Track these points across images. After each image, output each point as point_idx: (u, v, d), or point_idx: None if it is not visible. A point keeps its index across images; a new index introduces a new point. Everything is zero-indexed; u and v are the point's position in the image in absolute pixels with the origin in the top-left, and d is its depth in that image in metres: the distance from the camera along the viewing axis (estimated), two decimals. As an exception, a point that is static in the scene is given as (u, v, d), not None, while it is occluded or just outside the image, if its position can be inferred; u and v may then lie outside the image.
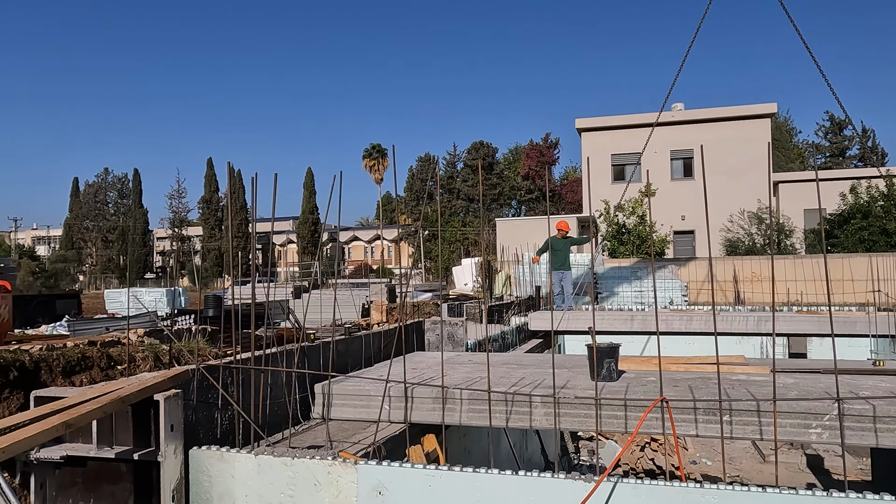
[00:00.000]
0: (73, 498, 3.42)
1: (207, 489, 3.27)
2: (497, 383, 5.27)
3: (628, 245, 23.86)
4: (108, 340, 7.29)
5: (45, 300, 23.90)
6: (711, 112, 31.39)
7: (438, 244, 51.25)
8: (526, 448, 9.20)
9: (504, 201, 64.86)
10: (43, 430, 2.58)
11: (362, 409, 5.31)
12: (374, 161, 67.24)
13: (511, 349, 10.06)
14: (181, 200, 69.93)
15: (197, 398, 4.29)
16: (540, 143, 62.77)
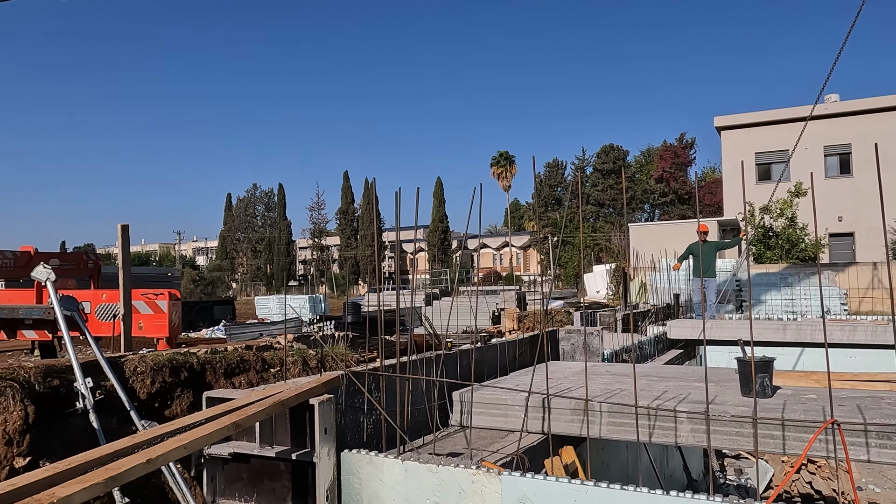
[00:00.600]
0: (239, 492, 3.71)
1: (358, 491, 3.42)
2: (638, 396, 5.09)
3: (776, 249, 22.17)
4: (262, 345, 7.87)
5: (205, 306, 26.19)
6: (871, 102, 28.48)
7: (568, 251, 50.48)
8: (667, 464, 8.80)
9: (636, 205, 62.69)
10: (216, 429, 2.83)
11: (500, 418, 5.33)
12: (502, 168, 67.53)
13: (649, 360, 9.68)
14: (320, 212, 74.05)
15: (345, 402, 4.51)
16: (674, 144, 60.08)
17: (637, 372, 6.71)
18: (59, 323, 6.12)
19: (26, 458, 5.14)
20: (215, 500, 3.74)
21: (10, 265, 12.29)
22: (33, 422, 5.25)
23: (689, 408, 4.57)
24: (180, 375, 6.56)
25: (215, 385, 6.79)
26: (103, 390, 5.83)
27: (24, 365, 5.86)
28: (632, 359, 8.91)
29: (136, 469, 2.49)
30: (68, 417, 5.61)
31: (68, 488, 2.27)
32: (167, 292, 7.80)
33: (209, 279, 65.85)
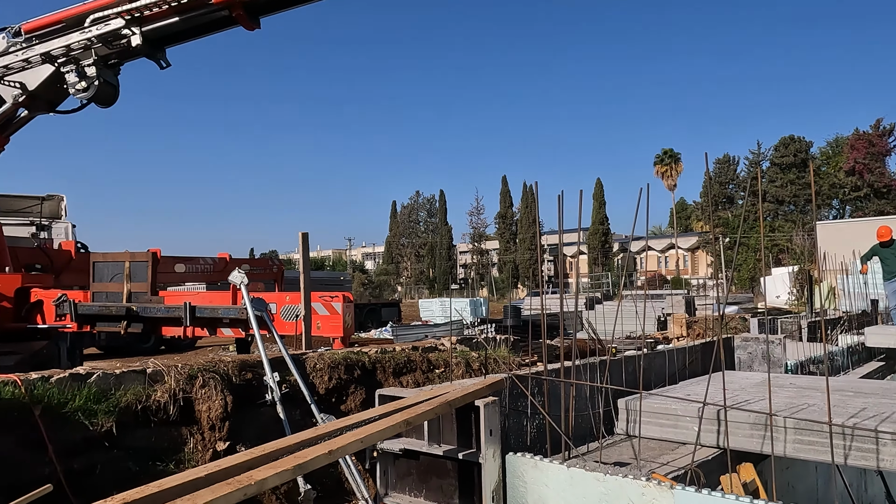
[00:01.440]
0: (409, 487, 3.87)
1: (523, 494, 3.43)
2: (833, 412, 4.61)
3: None
4: (427, 346, 8.17)
5: (373, 308, 27.71)
6: None
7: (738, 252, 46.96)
8: (865, 489, 7.86)
9: (823, 201, 56.81)
10: (389, 425, 2.98)
11: (669, 429, 5.08)
12: (667, 167, 64.43)
13: (841, 373, 8.71)
14: (480, 217, 75.40)
15: (508, 405, 4.54)
16: (869, 132, 53.65)
17: (833, 385, 6.07)
18: (251, 322, 6.79)
19: (226, 442, 5.76)
20: (387, 492, 3.93)
21: (210, 270, 13.86)
22: (231, 410, 5.87)
23: (893, 428, 4.06)
24: (353, 373, 7.00)
25: (384, 383, 7.16)
26: (287, 384, 6.37)
27: (223, 359, 6.57)
28: (821, 371, 8.08)
29: (319, 459, 2.69)
30: (258, 408, 6.21)
31: (263, 472, 2.51)
32: (342, 295, 8.35)
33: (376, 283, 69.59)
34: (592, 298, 25.50)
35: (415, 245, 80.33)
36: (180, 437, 5.63)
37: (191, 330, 8.58)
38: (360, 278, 66.12)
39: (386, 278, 75.19)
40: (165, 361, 6.16)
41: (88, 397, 5.22)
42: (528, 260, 67.63)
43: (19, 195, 16.86)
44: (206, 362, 6.26)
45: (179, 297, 9.41)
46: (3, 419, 4.76)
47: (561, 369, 4.21)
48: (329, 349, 7.53)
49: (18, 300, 9.57)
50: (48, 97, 10.08)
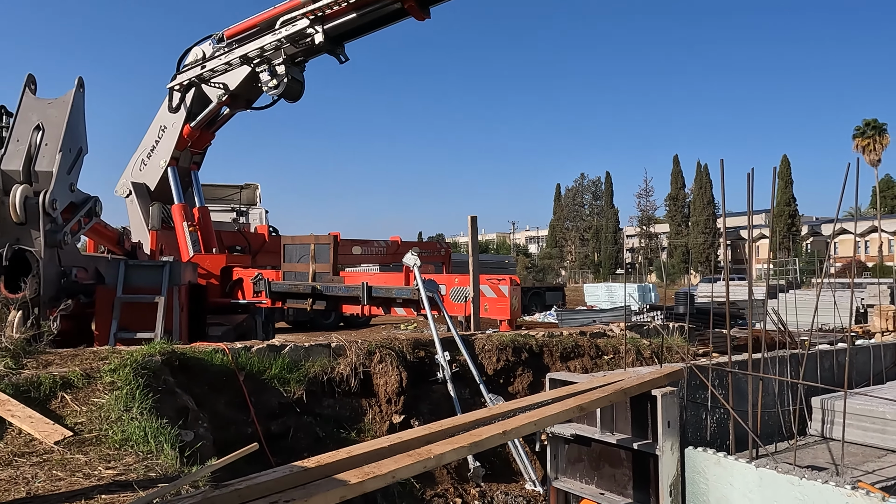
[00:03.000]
0: (580, 473, 3.82)
1: (704, 491, 3.24)
2: None
3: None
4: (595, 331, 7.98)
5: (538, 291, 27.63)
6: None
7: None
8: None
9: None
10: (562, 410, 2.95)
11: (875, 433, 4.56)
12: (868, 140, 57.15)
13: None
14: (648, 199, 72.07)
15: (686, 397, 4.32)
16: None
17: None
18: (423, 302, 7.06)
19: (401, 415, 6.07)
20: (557, 476, 3.91)
21: (384, 252, 14.63)
22: (406, 385, 6.17)
23: None
24: (521, 355, 7.03)
25: (551, 367, 7.11)
26: (457, 364, 6.56)
27: (397, 337, 6.92)
28: None
29: (493, 438, 2.73)
30: (430, 385, 6.46)
31: (442, 447, 2.60)
32: (508, 278, 8.41)
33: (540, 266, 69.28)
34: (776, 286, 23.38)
35: (579, 229, 78.69)
36: (360, 408, 6.02)
37: (367, 308, 9.12)
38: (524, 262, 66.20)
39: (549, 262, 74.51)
40: (345, 337, 6.61)
41: (283, 367, 5.75)
42: (701, 244, 63.55)
43: (222, 185, 18.93)
44: (382, 339, 6.62)
45: (357, 277, 10.03)
46: (217, 382, 5.39)
47: (749, 361, 3.92)
48: (496, 331, 7.62)
49: (223, 278, 10.76)
50: (246, 95, 11.21)
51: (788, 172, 61.80)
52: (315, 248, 10.25)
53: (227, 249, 12.58)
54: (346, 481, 2.35)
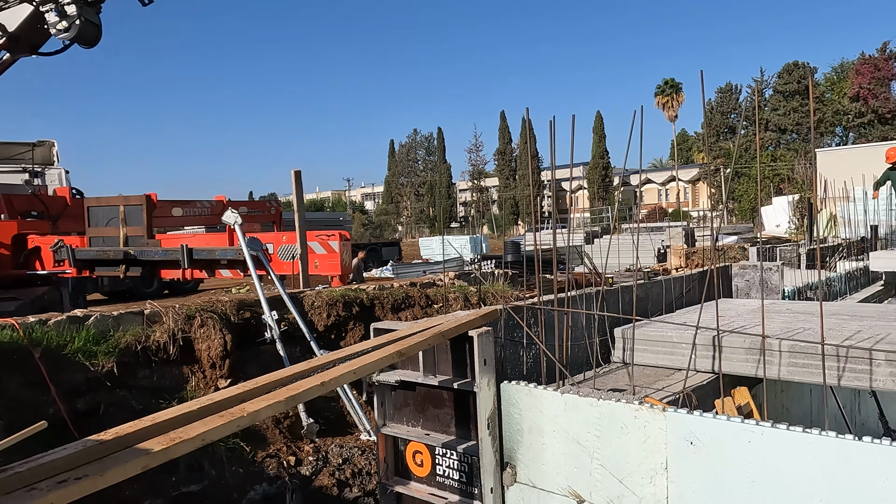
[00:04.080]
0: (406, 417, 3.92)
1: (518, 421, 3.47)
2: (826, 335, 4.63)
3: None
4: (425, 282, 8.19)
5: (373, 248, 27.73)
6: None
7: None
8: (858, 411, 8.01)
9: (825, 129, 56.01)
10: (382, 356, 2.99)
11: (665, 355, 5.12)
12: (668, 98, 63.21)
13: (839, 298, 8.75)
14: (478, 154, 74.64)
15: (504, 336, 4.56)
16: (875, 56, 52.35)
17: (825, 310, 6.09)
18: (248, 262, 6.78)
19: (227, 379, 5.83)
20: (385, 423, 3.98)
21: (208, 213, 13.79)
22: (231, 349, 5.92)
23: (887, 348, 4.09)
24: (352, 310, 7.03)
25: (383, 319, 7.20)
26: (286, 322, 6.41)
27: (220, 299, 6.59)
28: (818, 296, 8.11)
29: (312, 390, 2.70)
30: (259, 346, 6.26)
31: (256, 404, 2.52)
32: (338, 233, 8.32)
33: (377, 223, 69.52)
34: (591, 233, 25.47)
35: (414, 184, 79.80)
36: (182, 376, 5.70)
37: (189, 272, 8.59)
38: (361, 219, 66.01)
39: (386, 218, 75.05)
40: (164, 303, 6.18)
41: (88, 339, 5.25)
42: (527, 196, 67.36)
43: (9, 142, 16.62)
44: (204, 302, 6.28)
45: (177, 239, 9.38)
46: (6, 361, 4.80)
47: (555, 300, 4.20)
48: (327, 287, 7.54)
49: (16, 247, 9.55)
50: (30, 39, 9.78)
51: (602, 127, 66.83)
52: (125, 210, 9.39)
53: (21, 215, 11.15)
54: (150, 449, 2.20)
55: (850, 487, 2.38)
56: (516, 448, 3.48)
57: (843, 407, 7.26)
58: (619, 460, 3.01)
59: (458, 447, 3.58)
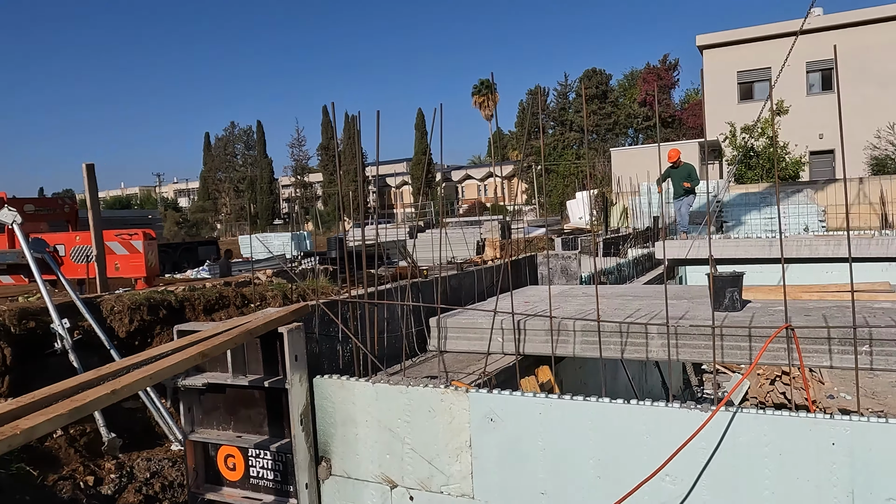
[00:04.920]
0: (217, 420, 3.77)
1: (331, 414, 3.48)
2: (612, 315, 5.17)
3: (757, 169, 22.24)
4: (241, 281, 7.87)
5: (189, 247, 26.06)
6: (854, 15, 27.96)
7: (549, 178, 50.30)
8: (646, 381, 9.06)
9: (620, 130, 62.18)
10: (182, 359, 2.84)
11: (476, 341, 5.41)
12: (484, 97, 66.30)
13: (628, 281, 9.81)
14: (301, 149, 72.94)
15: (319, 332, 4.54)
16: (658, 66, 59.09)
17: (613, 292, 6.81)
18: (31, 265, 6.06)
19: (8, 398, 5.18)
20: (193, 429, 3.79)
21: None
22: (11, 363, 5.27)
23: (659, 323, 4.65)
24: (159, 313, 6.57)
25: (196, 321, 6.82)
26: (81, 331, 5.83)
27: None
28: (607, 281, 9.03)
29: (101, 399, 2.50)
30: (48, 358, 5.64)
31: (32, 420, 2.29)
32: (142, 232, 7.72)
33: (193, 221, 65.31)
34: (415, 227, 26.05)
35: (233, 180, 76.03)
36: (-51, 399, 4.97)
37: (-41, 280, 7.49)
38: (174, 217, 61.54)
39: (203, 216, 70.71)
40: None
41: None
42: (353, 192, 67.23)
43: None
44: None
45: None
46: None
47: (373, 292, 4.28)
48: (129, 290, 6.98)
49: None
50: None
51: (424, 124, 68.44)
52: None
53: None
54: None
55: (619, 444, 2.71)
56: (330, 441, 3.50)
57: (633, 378, 8.16)
58: (429, 442, 3.15)
59: (271, 446, 3.52)
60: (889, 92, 26.02)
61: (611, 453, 2.70)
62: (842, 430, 2.24)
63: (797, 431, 2.30)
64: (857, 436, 2.20)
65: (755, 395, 11.93)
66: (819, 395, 11.94)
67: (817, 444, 2.26)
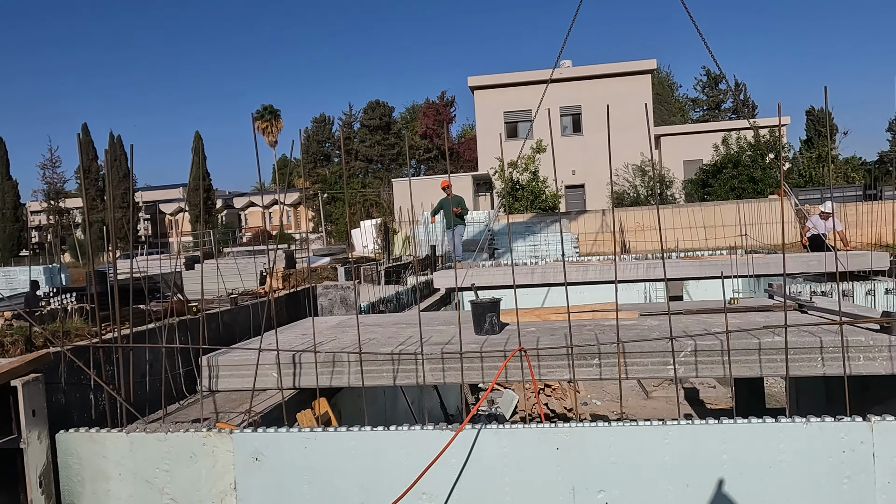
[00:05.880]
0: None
1: (78, 471, 3.19)
2: (386, 343, 5.38)
3: (522, 201, 24.53)
4: (-30, 326, 6.78)
5: None
6: (597, 69, 32.40)
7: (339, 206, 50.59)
8: (425, 403, 9.46)
9: (403, 161, 64.64)
10: None
11: (249, 378, 5.27)
12: (267, 123, 64.86)
13: (406, 309, 10.22)
14: (55, 171, 64.91)
15: (67, 380, 4.13)
16: (436, 102, 62.69)
17: (390, 320, 7.07)
18: None
19: None
20: None
21: None
22: None
23: (428, 349, 4.95)
24: None
25: None
26: None
27: None
28: (386, 309, 9.34)
29: None
30: None
31: None
32: None
33: None
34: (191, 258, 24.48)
35: (-35, 205, 64.97)
36: None
37: None
38: None
39: (-76, 247, 59.35)
40: None
41: None
42: (120, 219, 61.17)
43: None
44: None
45: None
46: None
47: (129, 334, 4.00)
48: None
49: None
50: None
51: (202, 148, 64.85)
52: None
53: None
54: None
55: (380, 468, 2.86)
56: (78, 501, 3.19)
57: (411, 402, 8.49)
58: (190, 490, 3.03)
59: (4, 516, 3.11)
60: (627, 135, 30.40)
61: (373, 478, 2.83)
62: (564, 435, 2.62)
63: (530, 441, 2.63)
64: (574, 439, 2.59)
65: (523, 409, 13.07)
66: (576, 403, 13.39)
67: (545, 450, 2.61)
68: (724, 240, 19.12)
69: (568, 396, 13.00)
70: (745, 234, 16.57)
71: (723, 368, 4.44)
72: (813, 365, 4.31)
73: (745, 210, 18.65)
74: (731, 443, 2.57)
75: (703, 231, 19.54)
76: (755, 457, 2.60)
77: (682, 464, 2.58)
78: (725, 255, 13.70)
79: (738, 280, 11.65)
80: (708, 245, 18.25)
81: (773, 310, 5.91)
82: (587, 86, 31.35)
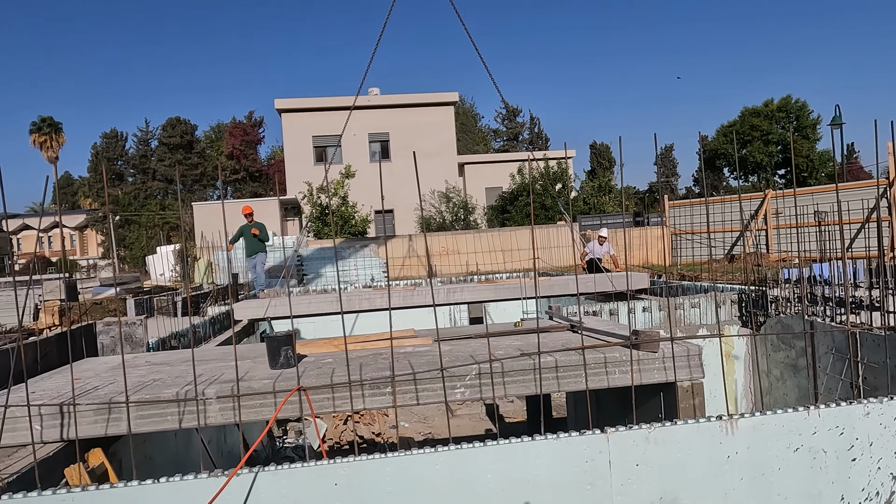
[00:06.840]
0: None
1: None
2: (174, 382, 5.07)
3: (332, 226, 24.47)
4: None
5: None
6: (403, 98, 33.49)
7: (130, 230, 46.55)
8: (225, 441, 9.00)
9: (208, 182, 61.32)
10: None
11: (8, 433, 4.70)
12: (46, 136, 57.96)
13: (204, 342, 9.69)
14: None
15: None
16: (244, 122, 60.47)
17: (179, 357, 6.66)
18: None
19: None
20: None
21: None
22: None
23: (218, 388, 4.77)
24: None
25: None
26: None
27: None
28: (182, 344, 8.79)
29: None
30: None
31: None
32: None
33: None
34: (-55, 291, 20.97)
35: None
36: None
37: None
38: None
39: None
40: None
41: None
42: None
43: None
44: None
45: None
46: None
47: None
48: None
49: None
50: None
51: (-39, 163, 56.20)
52: None
53: None
54: None
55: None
56: None
57: (208, 442, 8.03)
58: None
59: None
60: (432, 162, 31.66)
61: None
62: (342, 471, 2.68)
63: (308, 479, 2.66)
64: (353, 473, 2.66)
65: (332, 437, 12.96)
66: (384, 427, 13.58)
67: (324, 487, 2.65)
68: (520, 262, 20.64)
69: (376, 421, 13.13)
70: (538, 258, 18.02)
71: (503, 388, 4.82)
72: (578, 381, 4.83)
73: (538, 235, 20.30)
74: (495, 463, 2.80)
75: (502, 255, 20.93)
76: (518, 473, 2.86)
77: (453, 486, 2.77)
78: (517, 280, 14.81)
79: (529, 301, 12.63)
80: (506, 268, 19.58)
81: (550, 330, 6.52)
82: (395, 114, 32.24)
